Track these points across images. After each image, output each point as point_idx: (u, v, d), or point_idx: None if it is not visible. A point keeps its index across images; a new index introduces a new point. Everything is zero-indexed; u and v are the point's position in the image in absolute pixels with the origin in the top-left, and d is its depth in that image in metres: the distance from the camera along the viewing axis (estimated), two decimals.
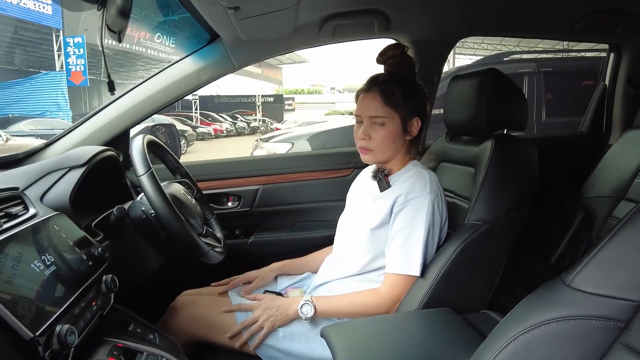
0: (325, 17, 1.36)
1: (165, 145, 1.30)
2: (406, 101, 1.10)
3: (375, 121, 1.10)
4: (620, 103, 2.00)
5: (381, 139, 1.11)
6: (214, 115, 18.33)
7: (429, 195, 1.08)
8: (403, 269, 1.07)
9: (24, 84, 13.46)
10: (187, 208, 1.13)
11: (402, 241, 1.08)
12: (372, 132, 1.11)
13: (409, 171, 1.15)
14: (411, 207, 1.08)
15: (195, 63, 1.41)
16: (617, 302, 0.50)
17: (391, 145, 1.12)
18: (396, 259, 1.08)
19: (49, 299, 0.70)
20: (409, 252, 1.07)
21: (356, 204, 1.27)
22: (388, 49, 1.18)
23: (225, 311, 1.14)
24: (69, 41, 13.39)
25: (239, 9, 0.99)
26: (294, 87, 36.21)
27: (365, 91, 1.13)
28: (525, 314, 0.56)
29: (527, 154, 1.20)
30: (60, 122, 12.13)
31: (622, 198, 1.61)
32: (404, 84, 1.12)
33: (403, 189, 1.11)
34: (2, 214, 0.79)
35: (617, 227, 0.54)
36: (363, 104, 1.12)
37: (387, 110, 1.09)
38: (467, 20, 1.56)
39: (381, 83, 1.11)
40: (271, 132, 16.69)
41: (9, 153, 1.29)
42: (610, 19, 1.62)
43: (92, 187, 1.12)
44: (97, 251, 0.89)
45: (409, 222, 1.08)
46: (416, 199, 1.08)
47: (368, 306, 1.09)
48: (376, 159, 1.15)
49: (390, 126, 1.10)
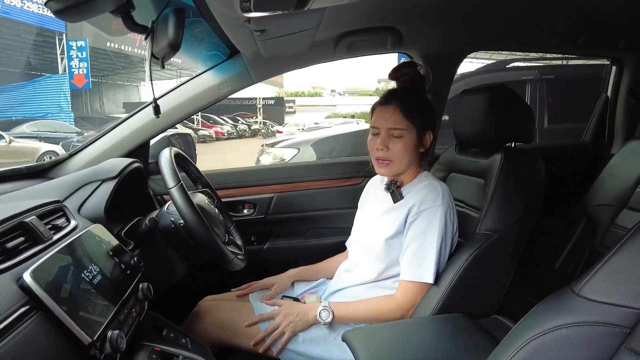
0: (341, 34, 1.42)
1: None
2: (421, 115, 1.16)
3: (393, 133, 1.15)
4: (622, 114, 2.06)
5: (399, 150, 1.15)
6: (215, 117, 18.39)
7: (442, 207, 1.13)
8: (417, 277, 1.13)
9: (27, 86, 13.55)
10: (212, 217, 1.18)
11: (415, 250, 1.13)
12: (390, 144, 1.16)
13: (420, 182, 1.20)
14: (424, 218, 1.13)
15: (215, 77, 1.47)
16: (623, 310, 0.54)
17: (408, 157, 1.17)
18: (411, 267, 1.13)
19: (99, 306, 0.75)
20: (423, 260, 1.12)
21: (369, 215, 1.30)
22: (403, 66, 1.25)
23: (248, 325, 1.18)
24: (72, 44, 13.48)
25: (265, 31, 1.05)
26: (294, 90, 36.29)
27: (383, 104, 1.18)
28: (537, 320, 0.60)
29: (535, 167, 1.25)
30: (62, 124, 12.20)
31: (624, 206, 1.67)
32: (419, 99, 1.19)
33: (416, 199, 1.16)
34: (50, 227, 0.84)
35: (624, 239, 0.58)
36: (382, 116, 1.17)
37: (406, 123, 1.15)
38: (475, 36, 1.62)
39: (400, 97, 1.17)
40: (272, 134, 16.80)
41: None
42: (612, 33, 1.68)
43: (120, 198, 1.18)
44: (133, 260, 0.95)
45: (422, 232, 1.13)
46: (429, 210, 1.13)
47: (383, 312, 1.15)
48: (393, 170, 1.19)
49: (407, 138, 1.15)
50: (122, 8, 0.70)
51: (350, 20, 1.35)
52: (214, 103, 1.53)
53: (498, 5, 1.31)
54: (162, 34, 0.69)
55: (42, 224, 0.81)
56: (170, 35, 0.67)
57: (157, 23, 0.72)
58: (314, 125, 14.97)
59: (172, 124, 1.53)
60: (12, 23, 12.38)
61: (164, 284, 1.16)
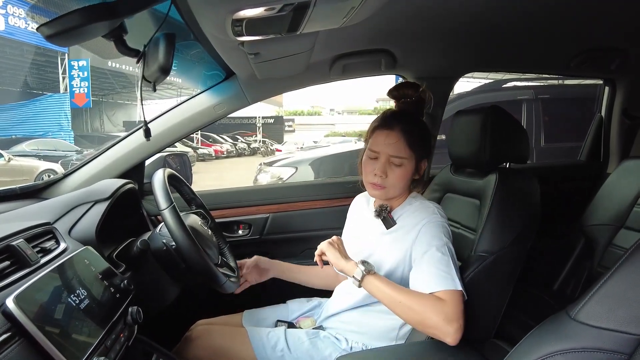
0: (335, 56, 1.44)
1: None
2: (421, 144, 1.12)
3: (394, 161, 1.10)
4: (616, 134, 2.08)
5: (397, 178, 1.11)
6: (215, 136, 18.49)
7: (440, 218, 1.10)
8: (450, 285, 0.99)
9: (28, 105, 13.66)
10: (205, 239, 1.17)
11: (433, 261, 1.02)
12: (388, 171, 1.10)
13: (411, 204, 1.16)
14: (426, 230, 1.07)
15: (211, 98, 1.48)
16: (620, 336, 0.53)
17: (403, 185, 1.13)
18: (439, 277, 0.99)
19: (85, 332, 0.74)
20: (444, 269, 1.01)
21: (362, 240, 1.24)
22: (404, 86, 1.19)
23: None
24: (74, 64, 13.66)
25: (259, 54, 1.06)
26: (293, 109, 36.61)
27: (385, 127, 1.11)
28: (533, 346, 0.59)
29: (529, 188, 1.25)
30: (62, 143, 12.25)
31: (622, 226, 1.66)
32: (421, 127, 1.15)
33: (412, 222, 1.11)
34: (38, 249, 0.83)
35: (618, 263, 0.57)
36: (384, 141, 1.10)
37: (408, 152, 1.10)
38: (468, 58, 1.64)
39: (404, 122, 1.11)
40: (271, 153, 16.87)
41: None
42: (604, 55, 1.71)
43: (113, 219, 1.17)
44: (122, 283, 0.94)
45: (429, 242, 1.05)
46: (428, 223, 1.08)
47: (426, 318, 0.97)
48: (386, 195, 1.15)
49: (407, 167, 1.11)
50: (114, 32, 0.71)
51: (344, 43, 1.37)
52: (210, 124, 1.54)
53: (490, 28, 1.33)
54: (153, 58, 0.70)
55: (29, 247, 0.81)
56: (160, 59, 0.68)
57: (149, 47, 0.72)
58: (312, 144, 15.05)
59: (169, 144, 1.54)
60: (16, 43, 12.56)
61: (155, 308, 1.15)
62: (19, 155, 9.76)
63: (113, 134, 14.28)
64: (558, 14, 1.24)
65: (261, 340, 1.16)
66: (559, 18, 1.27)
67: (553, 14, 1.23)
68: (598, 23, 1.37)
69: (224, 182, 9.24)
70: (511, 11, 1.20)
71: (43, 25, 0.62)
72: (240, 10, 0.72)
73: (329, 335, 1.18)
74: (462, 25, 1.28)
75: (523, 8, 1.17)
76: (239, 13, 0.73)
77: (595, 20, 1.33)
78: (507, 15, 1.23)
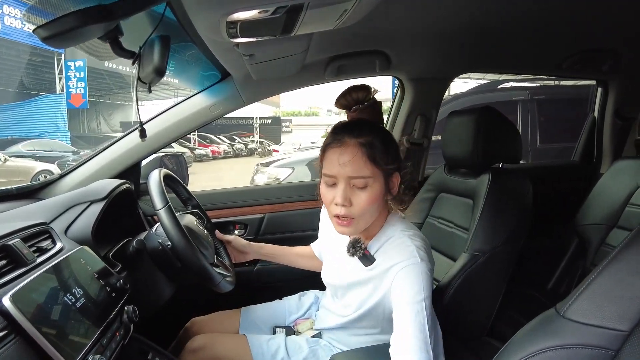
0: (330, 57, 1.45)
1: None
2: (386, 155, 0.92)
3: (356, 183, 0.90)
4: (609, 134, 2.10)
5: (364, 204, 0.90)
6: (212, 137, 18.48)
7: (420, 262, 0.90)
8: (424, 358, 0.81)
9: (24, 106, 13.59)
10: (200, 239, 1.18)
11: (408, 324, 0.85)
12: (351, 196, 0.91)
13: (389, 236, 0.98)
14: (403, 277, 0.90)
15: (207, 99, 1.49)
16: (608, 332, 0.54)
17: (374, 211, 0.94)
18: (411, 348, 0.82)
19: (81, 331, 0.74)
20: (420, 336, 0.83)
21: (340, 270, 1.10)
22: (354, 90, 1.02)
23: None
24: (70, 64, 13.61)
25: (254, 55, 1.07)
26: (291, 109, 36.59)
27: (337, 144, 0.91)
28: (523, 342, 0.60)
29: (522, 187, 1.27)
30: (58, 144, 12.21)
31: (614, 226, 1.68)
32: (382, 135, 0.94)
33: (389, 262, 0.94)
34: (35, 249, 0.84)
35: (606, 261, 0.59)
36: (338, 162, 0.90)
37: (371, 169, 0.90)
38: (462, 59, 1.65)
39: (359, 134, 0.90)
40: (268, 153, 16.87)
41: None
42: (596, 57, 1.73)
43: (109, 219, 1.17)
44: (118, 282, 0.94)
45: (404, 296, 0.88)
46: (406, 268, 0.90)
47: None
48: (357, 229, 0.95)
49: (373, 188, 0.91)
50: (110, 34, 0.72)
51: (338, 44, 1.38)
52: (205, 124, 1.55)
53: (484, 30, 1.34)
54: (148, 60, 0.71)
55: (25, 247, 0.81)
56: (155, 61, 0.69)
57: (144, 49, 0.73)
58: (310, 145, 15.05)
59: (165, 145, 1.54)
60: (12, 44, 12.50)
61: (151, 307, 1.15)
62: (15, 156, 9.72)
63: (110, 135, 14.25)
64: (551, 16, 1.25)
65: (261, 347, 1.15)
66: (551, 20, 1.29)
67: (546, 15, 1.24)
68: (590, 25, 1.38)
69: (221, 182, 9.23)
70: (504, 13, 1.21)
71: (39, 27, 0.63)
72: (234, 13, 0.73)
73: (328, 344, 1.17)
74: (456, 26, 1.30)
75: (516, 10, 1.18)
76: (233, 15, 0.74)
77: (588, 22, 1.35)
78: (501, 16, 1.24)
